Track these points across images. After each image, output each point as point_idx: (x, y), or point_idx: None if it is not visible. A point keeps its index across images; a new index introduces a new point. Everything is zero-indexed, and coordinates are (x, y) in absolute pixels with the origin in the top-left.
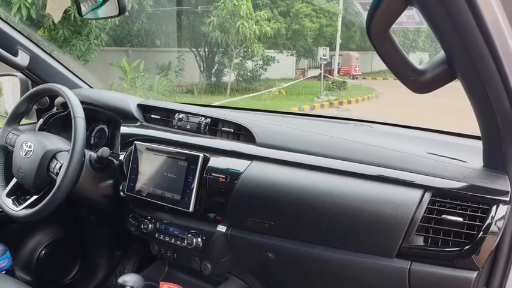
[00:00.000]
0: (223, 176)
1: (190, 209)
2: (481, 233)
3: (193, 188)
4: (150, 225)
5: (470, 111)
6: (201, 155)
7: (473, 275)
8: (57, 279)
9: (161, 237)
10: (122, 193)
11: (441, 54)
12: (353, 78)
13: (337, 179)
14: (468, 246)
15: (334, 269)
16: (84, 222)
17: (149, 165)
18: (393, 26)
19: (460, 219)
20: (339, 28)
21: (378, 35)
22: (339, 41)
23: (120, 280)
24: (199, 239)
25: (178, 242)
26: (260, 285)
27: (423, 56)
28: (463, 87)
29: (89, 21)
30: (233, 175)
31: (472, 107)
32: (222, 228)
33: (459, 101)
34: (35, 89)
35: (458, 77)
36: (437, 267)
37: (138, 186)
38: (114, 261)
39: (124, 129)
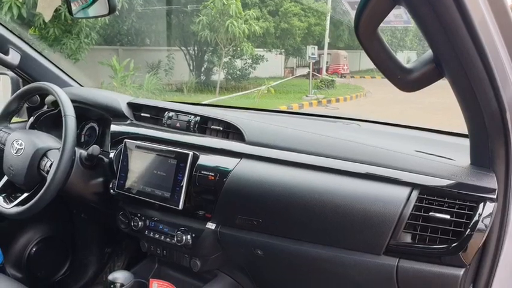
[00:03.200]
0: (213, 174)
1: (180, 207)
2: (468, 230)
3: (182, 185)
4: (140, 223)
5: (457, 109)
6: (191, 153)
7: (461, 272)
8: (48, 276)
9: (151, 235)
10: (112, 191)
11: (429, 53)
12: (341, 77)
13: (326, 176)
14: (455, 244)
15: (322, 266)
16: (74, 220)
17: (139, 163)
18: (381, 25)
19: (448, 216)
20: (328, 27)
21: (366, 33)
22: (327, 40)
23: (111, 277)
24: (189, 236)
25: (168, 239)
26: (249, 282)
27: (411, 55)
28: (451, 86)
29: (80, 20)
30: (222, 173)
31: (459, 106)
32: (211, 225)
33: (446, 99)
34: (25, 87)
35: (446, 76)
36: (424, 265)
37: (128, 184)
38: (104, 258)
39: (114, 128)
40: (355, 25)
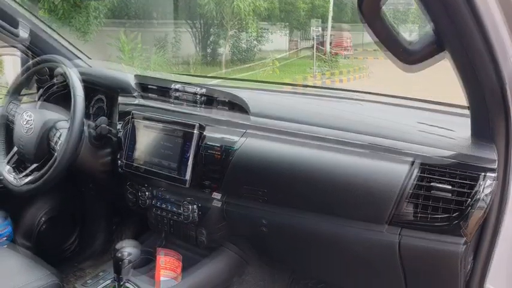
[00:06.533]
0: (218, 146)
1: (187, 177)
2: (469, 201)
3: (189, 157)
4: (147, 200)
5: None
6: (197, 125)
7: (462, 244)
8: (57, 246)
9: (158, 212)
10: (119, 162)
11: (430, 32)
12: (344, 58)
13: (329, 148)
14: (457, 213)
15: (325, 237)
16: (83, 193)
17: (146, 136)
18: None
19: (449, 186)
20: (331, 8)
21: (369, 14)
22: (331, 13)
23: (118, 246)
24: (195, 207)
25: (175, 217)
26: (253, 254)
27: (413, 34)
28: (451, 63)
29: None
30: (228, 144)
31: (459, 81)
32: (217, 196)
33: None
34: (35, 60)
35: (447, 51)
36: (426, 238)
37: (136, 155)
38: (112, 231)
39: (122, 100)
40: (359, 5)
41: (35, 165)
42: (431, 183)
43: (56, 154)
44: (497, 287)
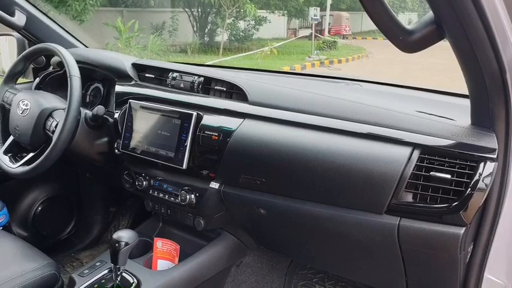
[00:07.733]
0: (216, 134)
1: (184, 166)
2: (469, 189)
3: (186, 145)
4: (144, 182)
5: (457, 70)
6: (194, 113)
7: (461, 230)
8: (53, 234)
9: (155, 194)
10: (116, 150)
11: (430, 14)
12: (343, 38)
13: (328, 137)
14: (456, 203)
15: (324, 225)
16: (79, 179)
17: (143, 123)
18: None
19: (448, 176)
20: None
21: None
22: (329, 1)
23: (115, 236)
24: (193, 196)
25: (172, 199)
26: (252, 241)
27: (412, 16)
28: (452, 47)
29: None
30: (226, 133)
31: (460, 67)
32: (214, 185)
33: (446, 60)
34: (31, 48)
35: (447, 37)
36: (426, 223)
37: (133, 143)
38: (109, 217)
39: (119, 88)
40: None
41: (31, 155)
42: (431, 173)
43: (52, 136)
44: (497, 276)
